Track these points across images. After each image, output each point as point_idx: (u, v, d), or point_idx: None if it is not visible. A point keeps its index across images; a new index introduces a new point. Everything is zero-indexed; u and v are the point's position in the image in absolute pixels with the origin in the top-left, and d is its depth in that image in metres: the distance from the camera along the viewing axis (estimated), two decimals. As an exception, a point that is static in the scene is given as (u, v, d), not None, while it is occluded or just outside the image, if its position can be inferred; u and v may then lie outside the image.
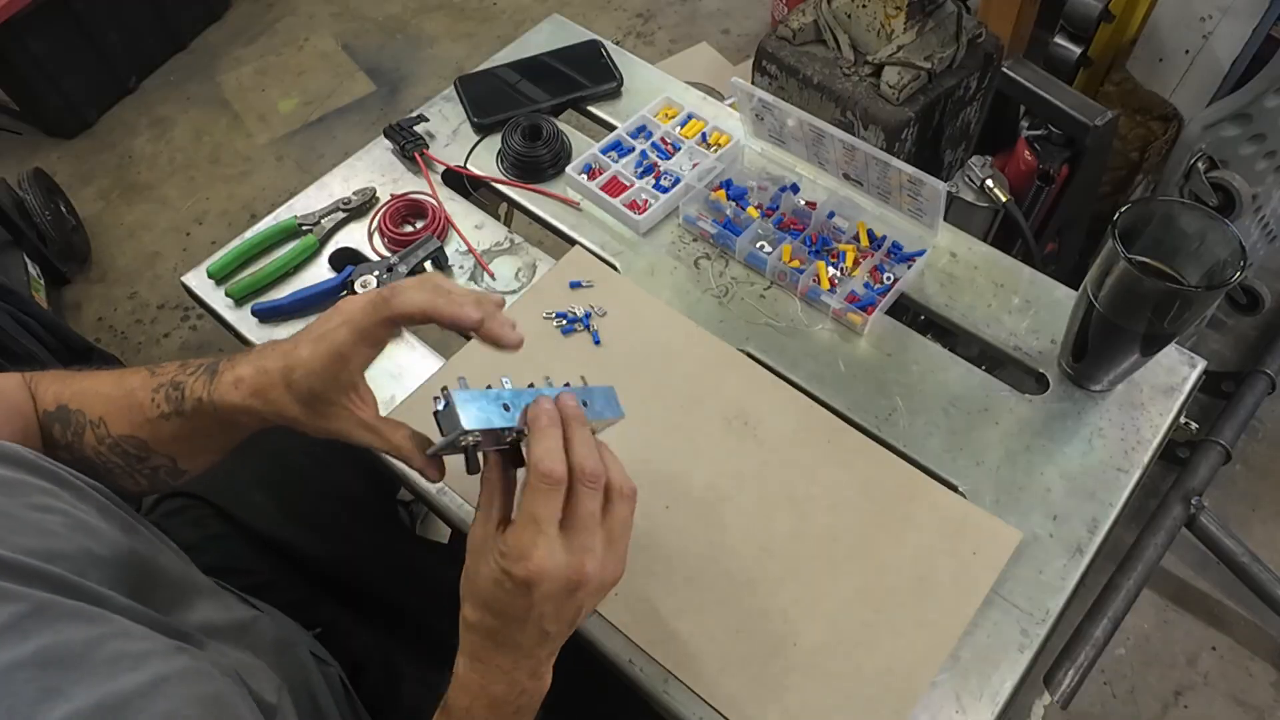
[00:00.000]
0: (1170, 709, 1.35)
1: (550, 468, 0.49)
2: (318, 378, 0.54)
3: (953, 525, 0.69)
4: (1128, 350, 0.70)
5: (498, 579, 0.50)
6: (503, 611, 0.51)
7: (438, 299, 0.53)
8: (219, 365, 0.57)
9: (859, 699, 0.62)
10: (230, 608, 0.62)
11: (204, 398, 0.56)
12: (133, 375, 0.60)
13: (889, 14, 0.98)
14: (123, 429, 0.59)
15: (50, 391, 0.60)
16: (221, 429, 0.58)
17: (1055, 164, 1.21)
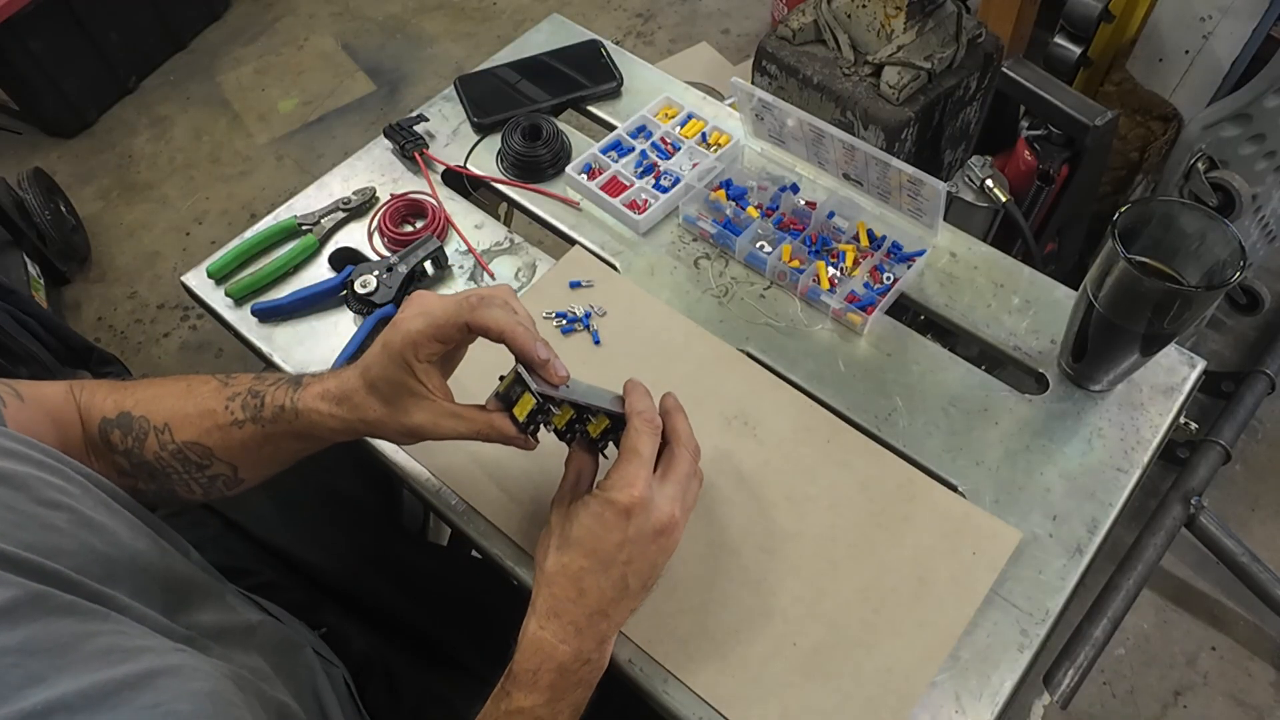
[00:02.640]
0: (1170, 709, 1.35)
1: (651, 415, 0.57)
2: (391, 365, 0.56)
3: (952, 525, 0.69)
4: (1128, 350, 0.70)
5: (597, 510, 0.55)
6: (595, 548, 0.55)
7: (518, 330, 0.55)
8: (302, 378, 0.60)
9: (859, 699, 0.62)
10: (237, 609, 0.62)
11: (286, 405, 0.58)
12: (202, 384, 0.62)
13: (889, 14, 0.98)
14: (188, 435, 0.60)
15: (110, 400, 0.61)
16: (297, 438, 0.60)
17: (1055, 164, 1.21)
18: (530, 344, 0.56)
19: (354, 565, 0.81)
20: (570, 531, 0.56)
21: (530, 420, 0.57)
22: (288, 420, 0.59)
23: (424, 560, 0.88)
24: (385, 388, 0.57)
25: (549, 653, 0.54)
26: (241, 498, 0.82)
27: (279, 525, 0.81)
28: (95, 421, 0.61)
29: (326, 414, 0.58)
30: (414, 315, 0.56)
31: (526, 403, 0.56)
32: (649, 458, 0.56)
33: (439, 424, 0.58)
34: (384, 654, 0.77)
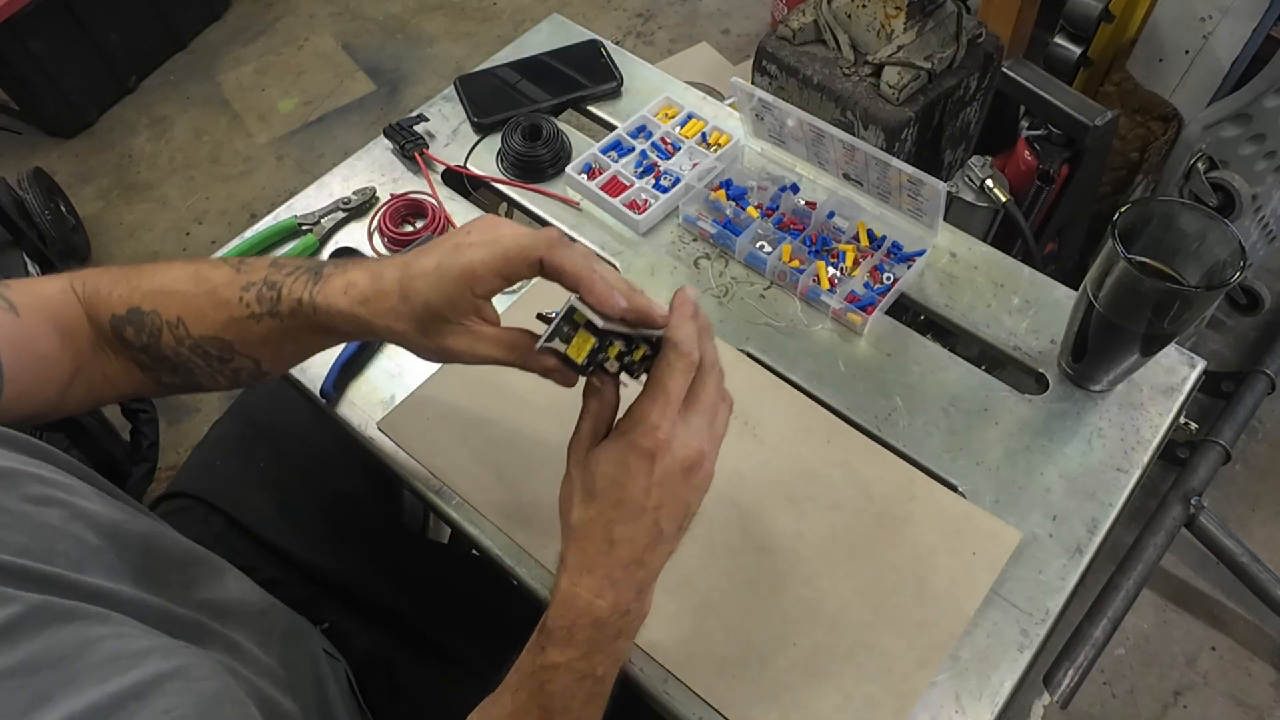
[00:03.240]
0: (1170, 709, 1.35)
1: (691, 348, 0.50)
2: (440, 294, 0.50)
3: (953, 525, 0.69)
4: (1128, 350, 0.70)
5: (619, 457, 0.50)
6: (621, 498, 0.50)
7: (595, 279, 0.50)
8: (323, 268, 0.54)
9: (859, 699, 0.62)
10: (245, 591, 0.61)
11: (304, 299, 0.53)
12: (212, 270, 0.56)
13: (889, 14, 0.98)
14: (204, 330, 0.56)
15: (116, 295, 0.57)
16: (317, 334, 0.55)
17: (1055, 164, 1.21)
18: (606, 295, 0.50)
19: (355, 564, 0.81)
20: (593, 481, 0.51)
21: (590, 361, 0.51)
22: (306, 315, 0.53)
23: (424, 559, 0.88)
24: (426, 313, 0.51)
25: (583, 609, 0.50)
26: (243, 497, 0.82)
27: (281, 524, 0.81)
28: (105, 319, 0.57)
29: (347, 312, 0.52)
30: (481, 243, 0.49)
31: (584, 342, 0.50)
32: (677, 396, 0.50)
33: (475, 349, 0.53)
34: (384, 651, 0.77)
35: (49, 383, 0.56)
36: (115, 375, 0.59)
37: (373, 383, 0.80)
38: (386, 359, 0.81)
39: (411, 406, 0.77)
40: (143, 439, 1.47)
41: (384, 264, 0.52)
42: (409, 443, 0.75)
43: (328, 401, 0.78)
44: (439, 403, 0.77)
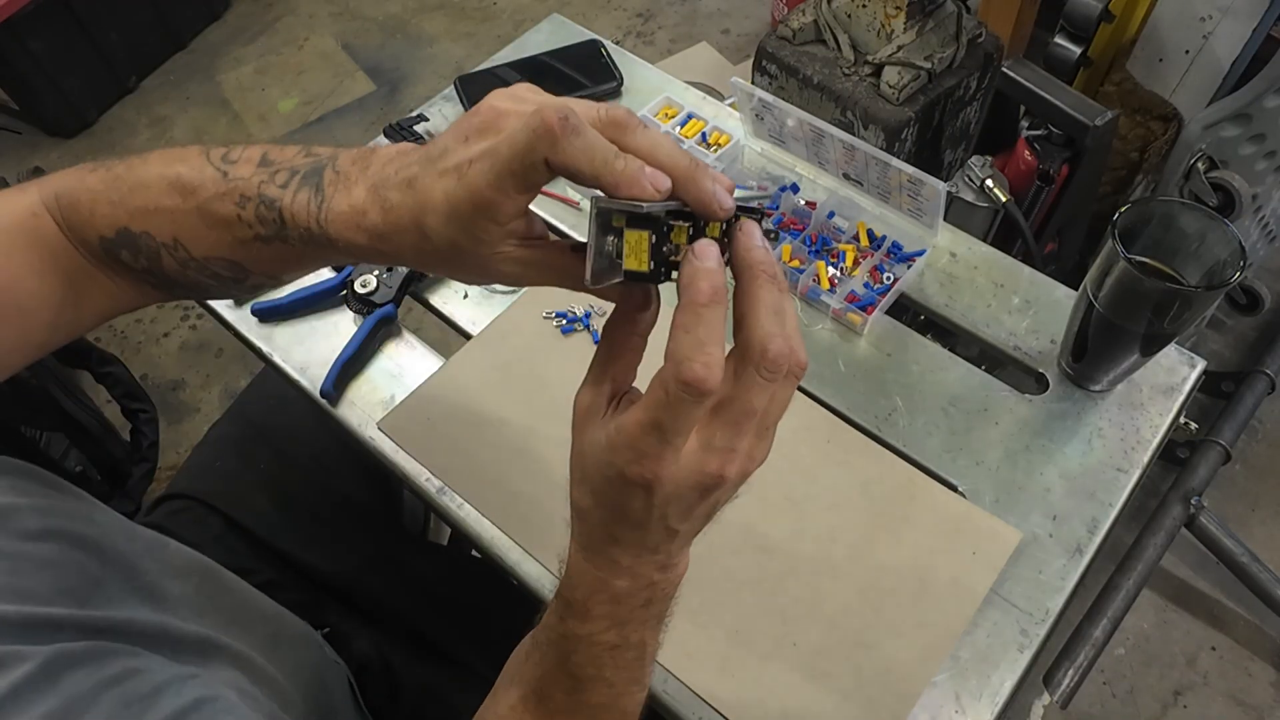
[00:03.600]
0: (1170, 709, 1.35)
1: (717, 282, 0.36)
2: (460, 231, 0.41)
3: (952, 525, 0.69)
4: (1128, 350, 0.70)
5: (607, 474, 0.40)
6: (617, 509, 0.41)
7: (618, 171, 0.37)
8: (323, 177, 0.45)
9: (859, 699, 0.62)
10: (247, 592, 0.61)
11: (314, 229, 0.45)
12: (195, 174, 0.48)
13: (889, 14, 0.98)
14: (206, 250, 0.48)
15: (99, 213, 0.49)
16: (336, 257, 0.48)
17: (1055, 164, 1.21)
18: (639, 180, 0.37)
19: (355, 565, 0.82)
20: (586, 466, 0.42)
21: (660, 261, 0.38)
22: (319, 243, 0.46)
23: (425, 560, 0.88)
24: (453, 251, 0.42)
25: (596, 586, 0.43)
26: (243, 498, 0.82)
27: (280, 526, 0.81)
28: (94, 241, 0.50)
29: (366, 247, 0.44)
30: (480, 155, 0.39)
31: (638, 241, 0.37)
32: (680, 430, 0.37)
33: (524, 276, 0.43)
34: (385, 653, 0.77)
35: (32, 327, 0.51)
36: (120, 294, 0.53)
37: (373, 383, 0.80)
38: (386, 359, 0.81)
39: (411, 406, 0.77)
40: (143, 439, 1.47)
41: (388, 178, 0.43)
42: (409, 443, 0.75)
43: (328, 401, 0.78)
44: (439, 403, 0.77)
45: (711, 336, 0.36)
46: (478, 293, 0.85)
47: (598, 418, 0.41)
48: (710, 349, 0.35)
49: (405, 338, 0.83)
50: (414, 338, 0.83)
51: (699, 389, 0.35)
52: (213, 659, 0.50)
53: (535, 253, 0.43)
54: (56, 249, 0.50)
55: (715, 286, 0.36)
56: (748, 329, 0.37)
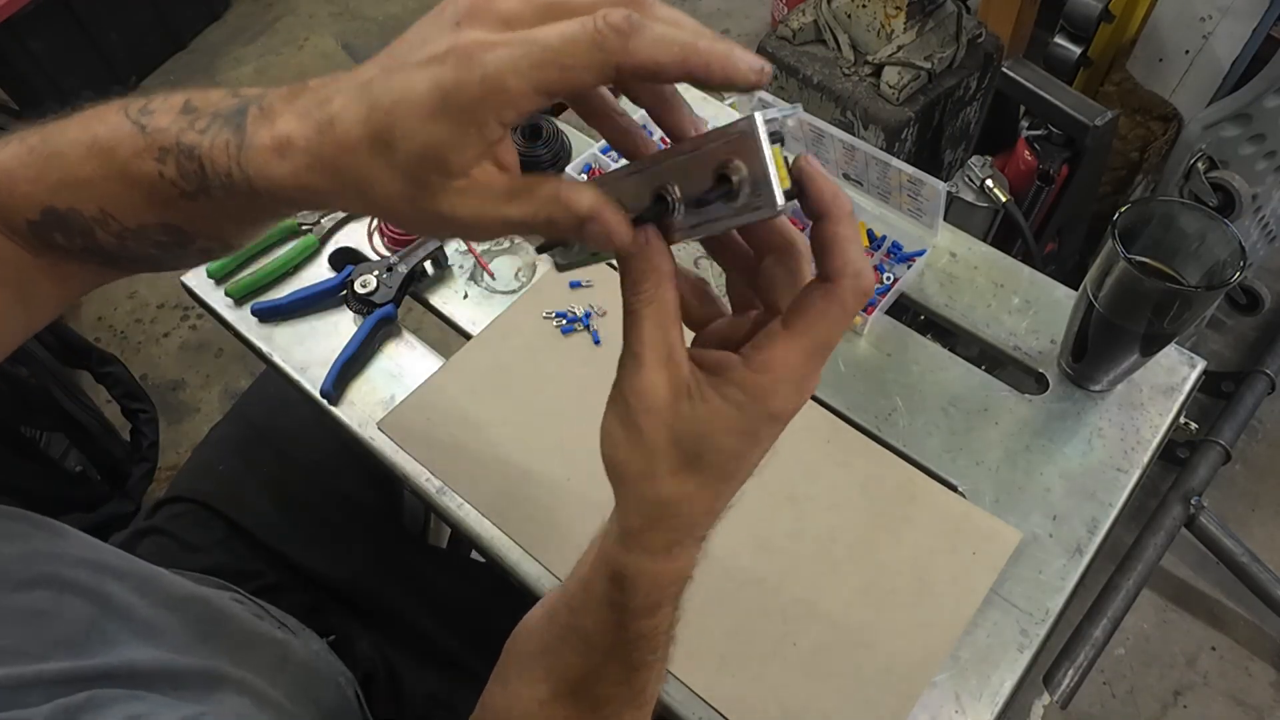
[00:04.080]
0: (1170, 709, 1.35)
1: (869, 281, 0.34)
2: (445, 131, 0.32)
3: (952, 525, 0.69)
4: (1128, 350, 0.70)
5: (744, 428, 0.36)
6: (738, 470, 0.38)
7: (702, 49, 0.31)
8: (246, 115, 0.37)
9: (859, 699, 0.62)
10: (246, 615, 0.60)
11: (232, 172, 0.37)
12: (111, 132, 0.41)
13: (889, 14, 0.98)
14: (138, 219, 0.42)
15: (20, 193, 0.43)
16: (266, 213, 0.41)
17: (1055, 164, 1.21)
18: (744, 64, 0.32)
19: (357, 569, 0.81)
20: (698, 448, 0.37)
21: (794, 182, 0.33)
22: (244, 194, 0.37)
23: (426, 563, 0.88)
24: (420, 165, 0.33)
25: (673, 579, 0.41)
26: (245, 501, 0.82)
27: (283, 529, 0.81)
28: (23, 228, 0.44)
29: (290, 185, 0.35)
30: (505, 41, 0.31)
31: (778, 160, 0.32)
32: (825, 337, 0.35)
33: (490, 214, 0.35)
34: (388, 658, 0.77)
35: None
36: (69, 279, 0.48)
37: (373, 383, 0.80)
38: (386, 359, 0.81)
39: (411, 406, 0.77)
40: (143, 439, 1.47)
41: (329, 90, 0.35)
42: (409, 443, 0.75)
43: (328, 401, 0.78)
44: (439, 402, 0.77)
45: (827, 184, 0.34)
46: (478, 293, 0.85)
47: (686, 391, 0.36)
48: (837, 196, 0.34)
49: (405, 338, 0.83)
50: (414, 338, 0.83)
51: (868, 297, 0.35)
52: (216, 690, 0.49)
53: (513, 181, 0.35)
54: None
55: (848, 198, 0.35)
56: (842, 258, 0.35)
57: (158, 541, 0.80)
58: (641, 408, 0.36)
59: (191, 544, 0.79)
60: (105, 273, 0.48)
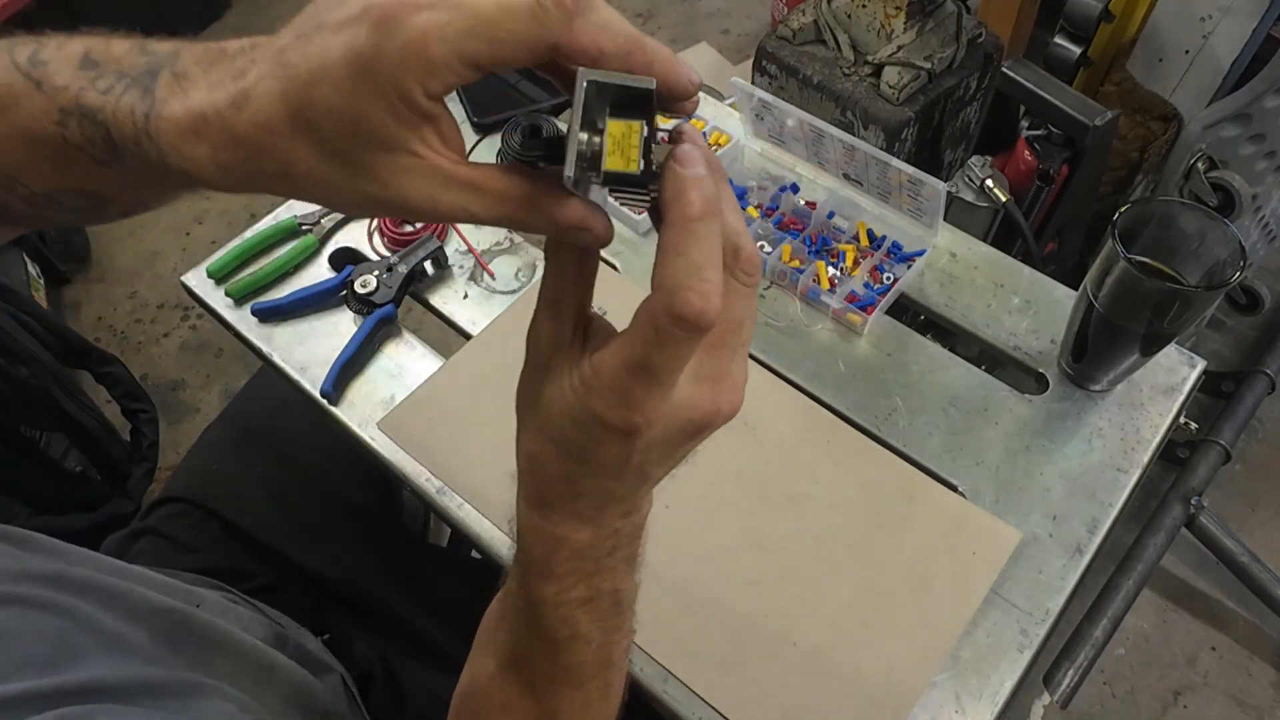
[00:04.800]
0: (1170, 709, 1.35)
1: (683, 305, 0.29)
2: (365, 104, 0.29)
3: (952, 525, 0.69)
4: (1128, 350, 0.70)
5: (578, 419, 0.33)
6: (586, 458, 0.35)
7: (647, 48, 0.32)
8: (157, 79, 0.34)
9: (859, 699, 0.62)
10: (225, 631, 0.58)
11: (142, 143, 0.33)
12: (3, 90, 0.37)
13: (889, 14, 0.98)
14: (47, 183, 0.37)
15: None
16: (176, 180, 0.35)
17: (1055, 164, 1.21)
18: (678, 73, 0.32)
19: (355, 568, 0.81)
20: (547, 414, 0.35)
21: (649, 163, 0.31)
22: (152, 162, 0.33)
23: (425, 562, 0.88)
24: (338, 133, 0.30)
25: (554, 544, 0.38)
26: (242, 501, 0.82)
27: (280, 528, 0.81)
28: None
29: (207, 163, 0.32)
30: (444, 4, 0.29)
31: (625, 134, 0.30)
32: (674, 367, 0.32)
33: (437, 199, 0.32)
34: (386, 657, 0.77)
35: None
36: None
37: (373, 383, 0.80)
38: (386, 359, 0.81)
39: (411, 406, 0.77)
40: (143, 439, 1.47)
41: (240, 70, 0.32)
42: (409, 443, 0.75)
43: (328, 401, 0.78)
44: (439, 402, 0.77)
45: (708, 257, 0.30)
46: (478, 293, 0.85)
47: (561, 353, 0.35)
48: (708, 272, 0.30)
49: (405, 338, 0.83)
50: (414, 338, 0.83)
51: (699, 322, 0.29)
52: (194, 696, 0.48)
53: (468, 170, 0.32)
54: None
55: (707, 197, 0.30)
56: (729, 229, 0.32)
57: (153, 542, 0.80)
58: (528, 350, 0.36)
59: (187, 544, 0.79)
60: (18, 230, 0.44)
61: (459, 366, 0.79)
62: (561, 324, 0.35)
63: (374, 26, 0.28)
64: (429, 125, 0.31)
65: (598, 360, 0.32)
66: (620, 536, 0.39)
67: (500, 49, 0.29)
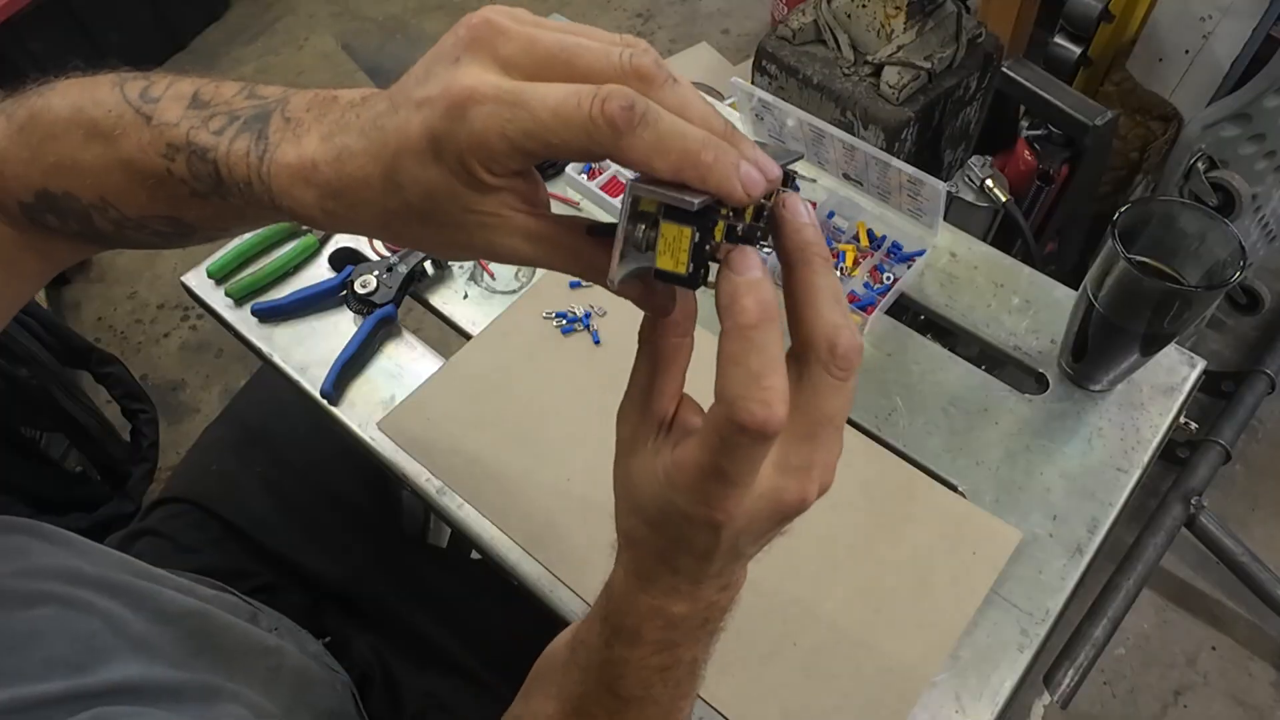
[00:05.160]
0: (1170, 709, 1.35)
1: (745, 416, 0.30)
2: (442, 177, 0.32)
3: (952, 525, 0.69)
4: (1128, 350, 0.70)
5: (664, 508, 0.35)
6: (678, 541, 0.36)
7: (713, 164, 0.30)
8: (268, 123, 0.36)
9: (859, 699, 0.62)
10: (241, 625, 0.59)
11: (254, 183, 0.36)
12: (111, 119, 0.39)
13: (889, 14, 0.98)
14: (140, 209, 0.41)
15: (10, 173, 0.41)
16: (280, 216, 0.39)
17: (1055, 164, 1.21)
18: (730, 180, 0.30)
19: (354, 569, 0.81)
20: (638, 495, 0.36)
21: (699, 263, 0.31)
22: (260, 201, 0.37)
23: (425, 563, 0.88)
24: (422, 198, 0.33)
25: (650, 612, 0.38)
26: (241, 502, 0.82)
27: (279, 529, 0.81)
28: (13, 209, 0.42)
29: (314, 208, 0.36)
30: (497, 98, 0.30)
31: (677, 237, 0.30)
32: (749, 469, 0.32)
33: (519, 250, 0.35)
34: (385, 659, 0.76)
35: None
36: (56, 254, 0.46)
37: (373, 383, 0.80)
38: (386, 359, 0.81)
39: (411, 407, 0.77)
40: (143, 439, 1.47)
41: (346, 125, 0.35)
42: (409, 443, 0.75)
43: (328, 402, 0.78)
44: (439, 403, 0.77)
45: (767, 365, 0.30)
46: (478, 293, 0.85)
47: (646, 445, 0.36)
48: (768, 380, 0.30)
49: (405, 338, 0.83)
50: (414, 338, 0.83)
51: (763, 432, 0.30)
52: (214, 702, 0.49)
53: (542, 225, 0.34)
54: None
55: (763, 302, 0.30)
56: (808, 323, 0.32)
57: (152, 542, 0.80)
58: (617, 433, 0.37)
59: (186, 545, 0.79)
60: (94, 250, 0.47)
61: (459, 367, 0.79)
62: (647, 416, 0.36)
63: (446, 111, 0.31)
64: (505, 191, 0.33)
65: (679, 458, 0.33)
66: (714, 609, 0.40)
67: (554, 151, 0.31)
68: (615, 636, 0.40)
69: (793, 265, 0.33)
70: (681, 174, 0.30)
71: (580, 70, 0.31)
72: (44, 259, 0.46)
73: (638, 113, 0.29)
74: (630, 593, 0.39)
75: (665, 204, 0.30)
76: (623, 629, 0.39)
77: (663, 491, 0.34)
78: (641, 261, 0.31)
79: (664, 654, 0.40)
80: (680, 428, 0.36)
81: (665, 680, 0.41)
